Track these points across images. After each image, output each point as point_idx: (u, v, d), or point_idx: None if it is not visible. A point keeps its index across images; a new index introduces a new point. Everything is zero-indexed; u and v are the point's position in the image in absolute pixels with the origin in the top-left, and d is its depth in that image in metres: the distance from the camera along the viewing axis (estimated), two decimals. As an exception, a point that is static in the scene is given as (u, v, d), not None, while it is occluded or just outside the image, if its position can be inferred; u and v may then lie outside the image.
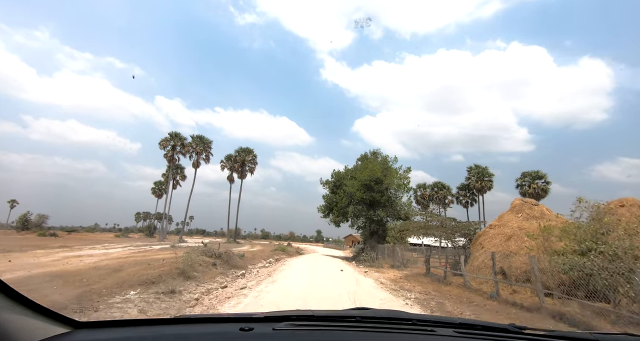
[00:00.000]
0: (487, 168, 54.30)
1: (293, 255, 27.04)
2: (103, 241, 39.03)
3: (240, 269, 14.00)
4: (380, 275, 13.84)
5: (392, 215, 23.08)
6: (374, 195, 23.02)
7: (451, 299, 8.80)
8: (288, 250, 28.98)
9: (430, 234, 11.91)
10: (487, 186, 52.82)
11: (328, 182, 26.64)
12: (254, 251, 27.60)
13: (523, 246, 8.88)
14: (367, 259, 20.28)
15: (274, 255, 24.12)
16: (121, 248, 24.66)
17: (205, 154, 47.40)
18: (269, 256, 22.46)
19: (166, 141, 45.10)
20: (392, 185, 23.77)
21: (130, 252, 19.73)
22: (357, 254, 25.67)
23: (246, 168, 52.16)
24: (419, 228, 12.03)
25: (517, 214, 10.09)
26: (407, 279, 12.53)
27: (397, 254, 17.33)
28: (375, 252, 21.81)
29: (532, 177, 46.73)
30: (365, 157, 26.26)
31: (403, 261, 17.13)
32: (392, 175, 23.80)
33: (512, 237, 9.37)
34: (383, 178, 23.30)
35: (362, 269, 16.93)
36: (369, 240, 24.67)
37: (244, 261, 16.50)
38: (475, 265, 9.98)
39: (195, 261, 12.09)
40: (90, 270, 10.09)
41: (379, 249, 22.52)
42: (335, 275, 12.27)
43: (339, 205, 24.33)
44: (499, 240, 9.67)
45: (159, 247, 25.78)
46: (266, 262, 19.10)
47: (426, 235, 12.33)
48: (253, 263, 17.34)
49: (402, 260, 17.13)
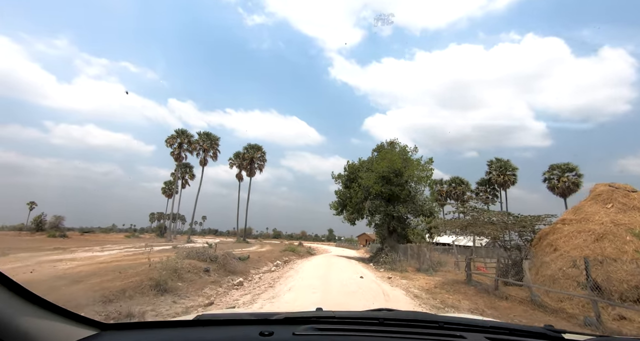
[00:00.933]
0: (510, 161, 50.58)
1: (304, 256, 24.58)
2: (110, 242, 37.74)
3: (240, 275, 11.63)
4: (409, 282, 11.18)
5: (414, 212, 20.30)
6: (393, 188, 20.29)
7: (521, 323, 6.18)
8: (298, 251, 26.56)
9: (479, 233, 9.16)
10: (510, 180, 49.11)
11: (341, 176, 24.02)
12: (261, 251, 25.33)
13: (625, 248, 6.18)
14: (388, 261, 17.60)
15: (283, 256, 21.75)
16: (119, 249, 22.76)
17: (212, 151, 45.53)
18: (277, 258, 20.09)
19: (172, 138, 43.43)
20: (413, 177, 20.99)
21: (123, 255, 17.68)
22: (375, 255, 23.00)
23: (255, 165, 50.10)
24: (463, 226, 9.31)
25: (606, 204, 7.33)
26: (444, 289, 9.87)
27: (425, 255, 14.62)
28: (396, 252, 19.13)
29: (561, 170, 42.87)
30: (381, 147, 23.52)
31: (432, 264, 14.42)
32: (413, 167, 21.02)
33: (606, 235, 6.62)
34: (403, 170, 20.56)
35: (384, 273, 14.32)
36: (387, 239, 21.96)
37: (245, 265, 14.15)
38: (548, 274, 7.24)
39: (180, 267, 9.79)
40: (44, 282, 7.90)
41: (400, 249, 19.81)
42: (355, 285, 9.72)
43: (354, 200, 21.72)
44: (582, 240, 6.94)
45: (159, 248, 23.79)
46: (273, 265, 16.71)
47: (473, 233, 9.59)
48: (257, 267, 14.96)
49: (430, 262, 14.41)
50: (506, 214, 8.54)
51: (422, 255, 15.19)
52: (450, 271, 15.29)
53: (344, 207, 23.66)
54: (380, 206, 20.29)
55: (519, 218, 8.40)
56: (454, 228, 10.20)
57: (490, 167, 50.94)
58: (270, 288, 9.27)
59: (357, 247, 54.74)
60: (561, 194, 42.21)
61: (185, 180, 57.16)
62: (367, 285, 9.90)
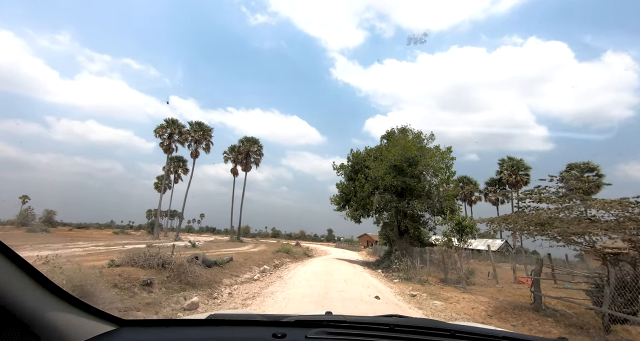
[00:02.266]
0: (523, 160, 47.01)
1: (299, 259, 20.94)
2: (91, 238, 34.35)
3: (201, 289, 8.03)
4: (447, 305, 7.56)
5: (432, 209, 16.69)
6: (407, 180, 16.69)
7: None
8: (294, 252, 22.92)
9: (590, 233, 5.54)
10: (522, 180, 45.46)
11: (343, 166, 20.39)
12: (252, 252, 21.75)
13: None
14: (402, 268, 14.02)
15: (275, 259, 18.17)
16: (81, 248, 19.17)
17: (205, 143, 41.95)
18: (266, 261, 16.53)
19: (162, 128, 39.83)
20: (429, 168, 17.40)
21: (68, 254, 14.09)
22: (383, 259, 19.38)
23: (251, 160, 46.52)
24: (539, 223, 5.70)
25: None
26: (503, 318, 6.31)
27: (455, 264, 11.02)
28: (410, 257, 15.54)
29: (580, 170, 39.18)
30: (391, 134, 19.93)
31: (464, 276, 10.82)
32: (429, 156, 17.44)
33: None
34: (419, 158, 16.98)
35: (401, 286, 10.75)
36: (397, 241, 18.36)
37: (218, 273, 10.57)
38: None
39: (108, 279, 6.24)
40: None
41: (414, 253, 16.22)
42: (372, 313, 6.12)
43: (359, 194, 18.14)
44: None
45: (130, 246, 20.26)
46: (259, 271, 13.13)
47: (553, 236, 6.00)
48: (236, 275, 11.36)
49: (462, 273, 10.80)
50: (628, 204, 5.03)
51: (451, 262, 11.59)
52: (485, 284, 11.67)
53: (347, 202, 20.06)
54: (391, 201, 16.68)
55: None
56: (519, 228, 6.64)
57: (501, 166, 47.31)
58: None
59: (358, 248, 51.04)
60: (580, 196, 38.55)
61: (178, 174, 53.66)
62: (385, 308, 6.28)
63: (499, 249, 37.60)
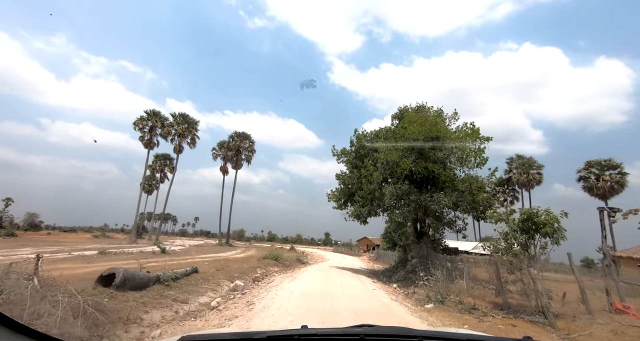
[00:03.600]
0: (533, 158, 43.24)
1: (290, 268, 16.57)
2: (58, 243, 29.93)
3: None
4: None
5: (464, 205, 12.50)
6: (431, 166, 12.55)
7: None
8: (285, 258, 18.55)
9: None
10: (535, 179, 41.60)
11: (346, 152, 16.17)
12: (234, 259, 17.40)
13: None
14: (432, 285, 9.78)
15: (259, 268, 13.86)
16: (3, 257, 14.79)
17: (190, 137, 37.58)
18: (246, 272, 12.23)
19: (142, 120, 35.42)
20: (456, 152, 13.31)
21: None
22: (395, 268, 15.08)
23: (242, 156, 42.28)
24: None
25: None
26: None
27: (530, 284, 6.78)
28: (432, 266, 11.34)
29: (601, 167, 35.37)
30: (404, 111, 15.82)
31: (547, 304, 6.59)
32: (456, 137, 13.37)
33: None
34: (446, 138, 12.91)
35: (445, 319, 6.54)
36: (415, 246, 14.13)
37: (159, 296, 6.23)
38: None
39: None
40: None
41: (437, 262, 12.02)
42: None
43: (366, 187, 13.94)
44: None
45: (77, 253, 15.85)
46: (227, 290, 8.84)
47: None
48: (184, 299, 6.96)
49: (545, 300, 6.57)
50: None
51: (516, 280, 7.38)
52: (571, 314, 7.43)
53: (349, 197, 15.82)
54: (410, 193, 12.47)
55: None
56: None
57: (510, 165, 43.46)
58: None
59: (357, 253, 46.63)
60: (601, 196, 34.63)
61: (164, 173, 49.12)
62: None
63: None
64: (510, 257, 7.52)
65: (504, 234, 7.68)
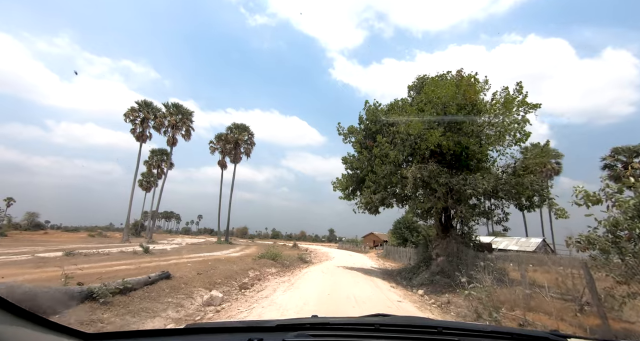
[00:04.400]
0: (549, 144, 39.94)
1: (289, 269, 13.90)
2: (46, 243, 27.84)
3: None
4: None
5: (507, 189, 9.67)
6: (465, 141, 9.77)
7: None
8: (284, 257, 15.92)
9: None
10: (554, 169, 38.48)
11: (354, 130, 13.33)
12: (226, 259, 14.83)
13: None
14: (479, 294, 7.06)
15: (252, 269, 11.25)
16: None
17: (185, 129, 34.98)
18: (233, 276, 9.60)
19: (133, 112, 32.87)
20: (493, 125, 10.52)
21: None
22: (417, 268, 12.32)
23: (241, 149, 39.64)
24: None
25: None
26: None
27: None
28: (464, 265, 8.63)
29: (629, 154, 32.19)
30: (423, 79, 12.96)
31: None
32: (493, 107, 10.58)
33: None
34: (482, 107, 10.12)
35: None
36: (441, 241, 11.38)
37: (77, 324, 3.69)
38: None
39: None
40: None
41: (465, 259, 9.32)
42: None
43: (379, 169, 11.15)
44: None
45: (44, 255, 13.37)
46: (195, 306, 6.25)
47: None
48: (118, 327, 4.40)
49: None
50: None
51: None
52: None
53: (358, 184, 13.09)
54: (439, 175, 9.69)
55: None
56: None
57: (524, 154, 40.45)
58: None
59: (364, 249, 43.92)
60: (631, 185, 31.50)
61: (161, 169, 46.71)
62: None
63: (536, 250, 30.55)
64: (622, 257, 4.77)
65: (610, 223, 4.91)
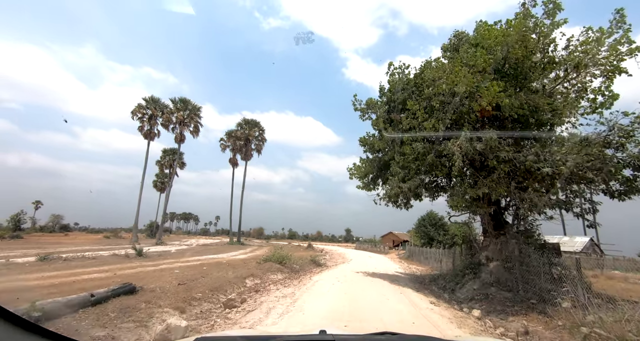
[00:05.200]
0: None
1: (298, 275, 11.36)
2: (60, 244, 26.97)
3: None
4: None
5: (597, 165, 6.75)
6: (533, 99, 6.93)
7: None
8: (295, 260, 13.46)
9: None
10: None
11: (374, 103, 10.49)
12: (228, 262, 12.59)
13: None
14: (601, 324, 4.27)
15: (250, 277, 8.82)
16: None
17: (193, 125, 33.34)
18: (223, 288, 7.20)
19: (140, 109, 31.57)
20: (568, 80, 7.57)
21: None
22: (461, 275, 9.49)
23: (252, 146, 37.67)
24: None
25: None
26: None
27: None
28: (526, 271, 5.79)
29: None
30: (461, 35, 10.09)
31: None
32: (565, 60, 7.62)
33: None
34: (554, 57, 7.20)
35: None
36: (491, 241, 8.54)
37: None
38: None
39: None
40: None
41: (534, 266, 6.43)
42: None
43: (409, 149, 8.40)
44: None
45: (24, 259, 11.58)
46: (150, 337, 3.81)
47: None
48: None
49: None
50: None
51: None
52: None
53: (380, 170, 10.40)
54: (500, 149, 6.89)
55: None
56: None
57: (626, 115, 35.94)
58: None
59: (383, 249, 40.88)
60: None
61: (173, 169, 45.56)
62: None
63: (583, 250, 26.59)
64: None
65: None
